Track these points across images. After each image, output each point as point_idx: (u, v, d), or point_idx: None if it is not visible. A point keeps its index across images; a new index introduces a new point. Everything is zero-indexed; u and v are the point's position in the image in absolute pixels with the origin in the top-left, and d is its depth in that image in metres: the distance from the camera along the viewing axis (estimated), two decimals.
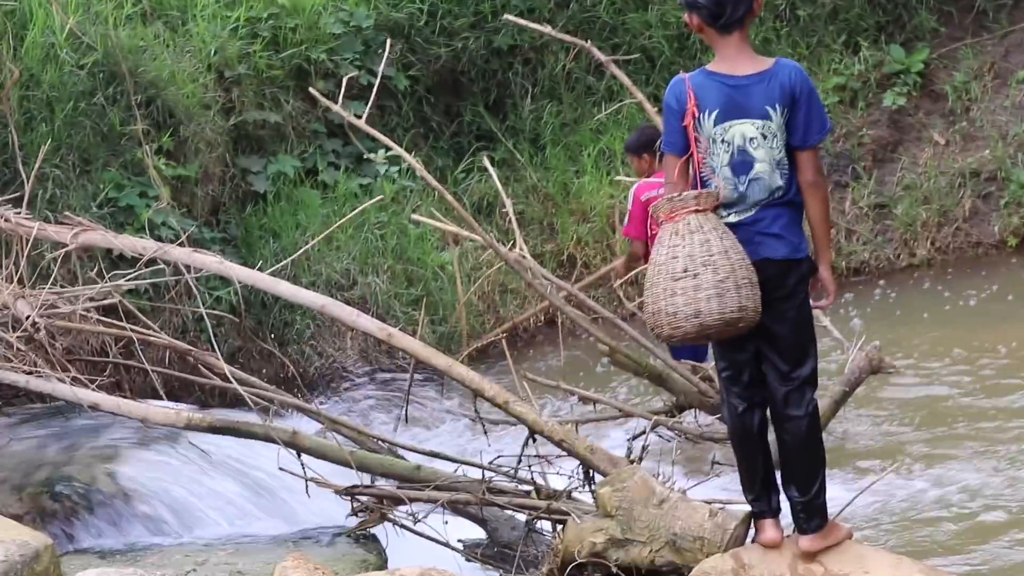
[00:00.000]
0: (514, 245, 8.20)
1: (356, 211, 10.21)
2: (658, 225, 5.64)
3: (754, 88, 5.55)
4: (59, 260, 8.59)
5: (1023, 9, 12.95)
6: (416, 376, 8.41)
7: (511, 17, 10.22)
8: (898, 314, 11.41)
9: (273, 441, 6.90)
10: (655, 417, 7.79)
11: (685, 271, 5.45)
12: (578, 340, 10.61)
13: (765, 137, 5.55)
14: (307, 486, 6.79)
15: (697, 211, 5.51)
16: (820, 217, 5.69)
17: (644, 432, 7.48)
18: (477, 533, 6.87)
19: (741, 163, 5.56)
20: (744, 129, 5.55)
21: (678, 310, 5.47)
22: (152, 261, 8.14)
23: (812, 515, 5.68)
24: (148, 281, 8.81)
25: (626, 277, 10.00)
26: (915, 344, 10.43)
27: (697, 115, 5.56)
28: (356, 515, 6.79)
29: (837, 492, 6.58)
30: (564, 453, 6.65)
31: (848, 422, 8.74)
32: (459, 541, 6.75)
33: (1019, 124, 12.55)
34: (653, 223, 9.49)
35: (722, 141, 5.56)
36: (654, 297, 5.53)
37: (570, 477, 6.65)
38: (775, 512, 5.77)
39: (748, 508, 5.83)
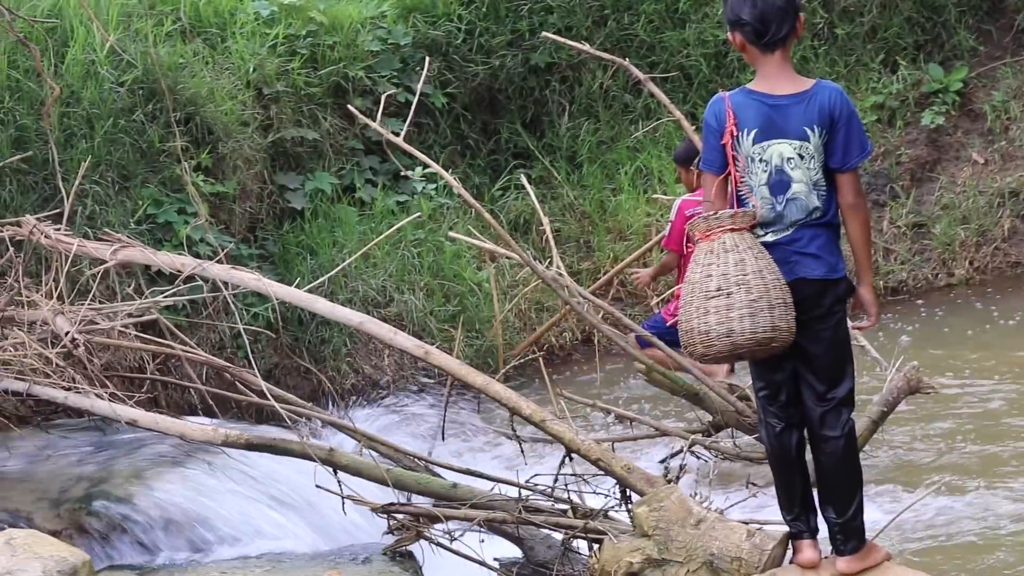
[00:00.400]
0: (551, 263, 8.20)
1: (393, 228, 10.21)
2: (694, 243, 5.64)
3: (793, 108, 5.54)
4: (98, 276, 8.61)
5: None
6: (453, 394, 8.43)
7: (549, 35, 10.23)
8: (939, 334, 11.34)
9: (310, 458, 6.91)
10: (692, 436, 7.79)
11: (719, 290, 5.45)
12: (615, 358, 10.58)
13: (802, 158, 5.54)
14: (343, 503, 6.79)
15: (733, 230, 5.51)
16: (861, 239, 5.68)
17: (681, 451, 7.47)
18: (513, 552, 6.86)
19: (779, 183, 5.55)
20: (782, 149, 5.55)
21: (710, 328, 5.47)
22: (190, 277, 8.18)
23: (849, 536, 5.66)
24: (186, 297, 8.86)
25: (653, 289, 10.02)
26: (955, 364, 10.37)
27: (736, 134, 5.55)
28: (392, 533, 6.79)
29: (876, 514, 6.55)
30: (601, 472, 6.64)
31: (887, 442, 8.69)
32: (495, 560, 6.74)
33: None
34: (689, 240, 9.57)
35: (760, 160, 5.55)
36: (687, 315, 5.54)
37: (607, 496, 6.64)
38: (813, 533, 5.75)
39: (786, 528, 5.81)
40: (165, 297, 8.52)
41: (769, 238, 5.58)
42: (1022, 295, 11.99)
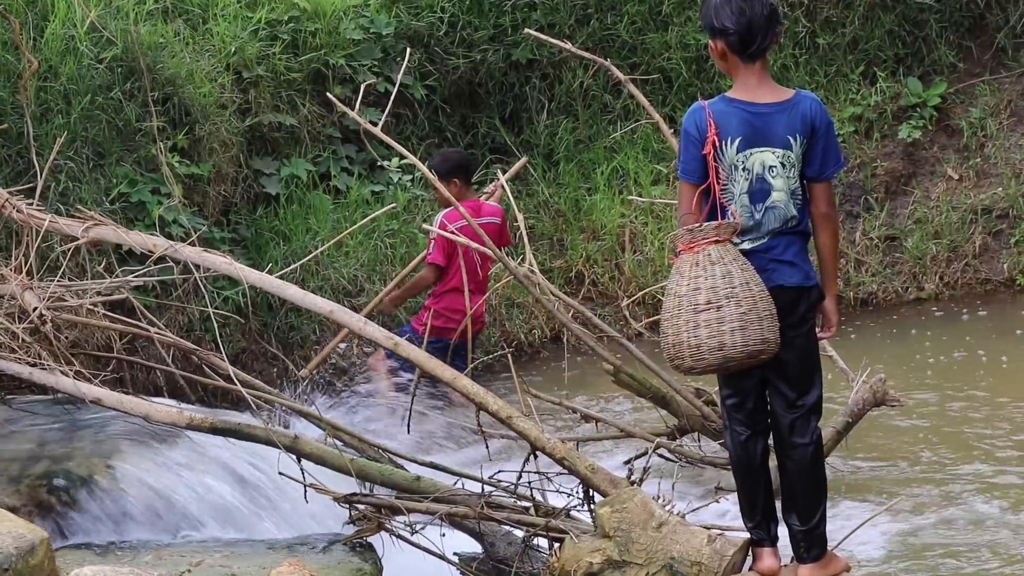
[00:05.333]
0: (524, 260, 8.19)
1: (368, 218, 10.20)
2: (676, 255, 5.61)
3: (777, 116, 5.54)
4: (69, 253, 8.57)
5: None
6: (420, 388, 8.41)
7: (532, 32, 10.21)
8: (906, 347, 11.38)
9: (274, 445, 6.89)
10: (657, 439, 7.77)
11: (708, 303, 5.44)
12: (585, 357, 10.57)
13: (784, 166, 5.55)
14: (306, 492, 6.77)
15: (717, 242, 5.50)
16: (830, 249, 5.71)
17: (645, 454, 7.46)
18: (474, 547, 6.84)
19: (759, 191, 5.55)
20: (765, 157, 5.54)
21: (702, 343, 5.46)
22: (161, 258, 8.13)
23: (812, 544, 5.67)
24: (157, 279, 8.82)
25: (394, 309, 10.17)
26: (920, 377, 10.40)
27: (719, 143, 5.53)
28: (353, 523, 6.77)
29: (836, 523, 6.55)
30: (565, 471, 6.63)
31: (850, 454, 8.71)
32: (455, 554, 6.72)
33: None
34: (458, 251, 9.74)
35: (743, 168, 5.55)
36: (676, 329, 5.50)
37: (570, 495, 6.63)
38: (773, 541, 5.77)
39: (747, 535, 5.81)
40: (135, 277, 8.49)
41: (746, 246, 5.57)
42: (991, 312, 12.03)
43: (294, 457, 6.85)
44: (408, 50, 10.64)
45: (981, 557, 7.21)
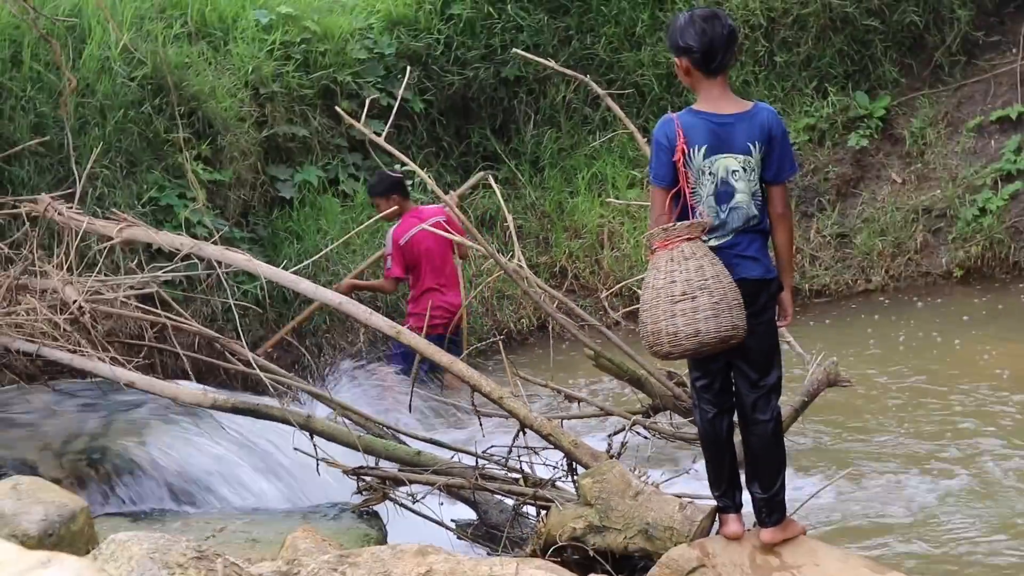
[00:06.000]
0: (513, 256, 8.17)
1: (372, 219, 10.22)
2: (651, 252, 5.59)
3: (738, 126, 5.52)
4: (104, 251, 8.58)
5: (974, 66, 12.96)
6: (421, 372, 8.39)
7: (519, 51, 10.21)
8: (855, 332, 11.39)
9: (289, 423, 6.88)
10: (633, 417, 7.77)
11: (684, 294, 5.41)
12: (569, 343, 10.56)
13: (745, 170, 5.53)
14: (318, 465, 6.75)
15: (689, 239, 5.48)
16: (786, 245, 5.70)
17: (623, 430, 7.45)
18: (469, 514, 6.83)
19: (724, 193, 5.53)
20: (728, 163, 5.53)
21: (679, 330, 5.43)
22: (187, 256, 8.12)
23: (773, 510, 5.66)
24: (183, 274, 8.81)
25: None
26: (868, 359, 10.41)
27: (687, 151, 5.51)
28: (361, 493, 6.75)
29: (794, 493, 6.55)
30: (551, 446, 6.62)
31: (806, 429, 8.71)
32: (452, 521, 6.71)
33: (967, 168, 12.55)
34: (422, 257, 9.78)
35: (709, 173, 5.53)
36: (654, 318, 5.47)
37: (555, 468, 6.62)
38: (738, 508, 5.75)
39: (714, 503, 5.81)
40: (164, 272, 8.46)
41: (713, 243, 5.55)
42: (929, 302, 12.05)
43: (307, 434, 6.84)
44: (408, 68, 10.59)
45: (916, 518, 7.25)
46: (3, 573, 3.16)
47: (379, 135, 7.75)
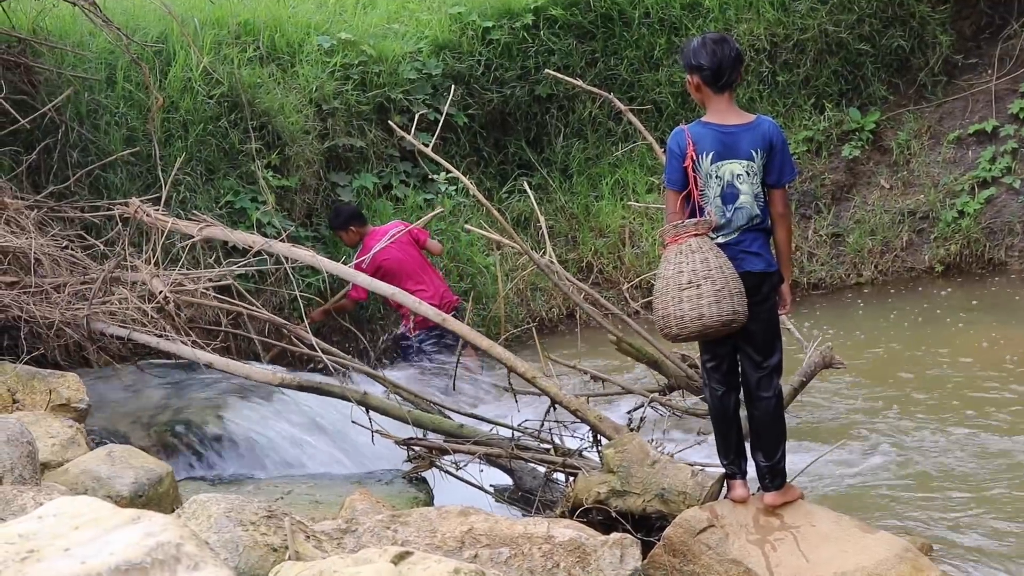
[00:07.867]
0: (545, 252, 8.17)
1: (421, 220, 10.21)
2: (663, 246, 5.59)
3: (742, 135, 5.51)
4: (186, 248, 8.60)
5: (954, 85, 12.88)
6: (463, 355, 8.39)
7: (551, 71, 10.19)
8: (848, 321, 11.34)
9: (347, 399, 6.89)
10: (651, 395, 7.75)
11: (690, 283, 5.41)
12: (594, 330, 10.55)
13: (748, 175, 5.51)
14: (373, 436, 6.77)
15: (696, 235, 5.47)
16: (785, 242, 5.68)
17: (642, 407, 7.44)
18: (505, 480, 6.84)
19: (729, 194, 5.52)
20: (733, 167, 5.51)
21: (684, 314, 5.43)
22: (259, 252, 8.14)
23: (775, 477, 5.65)
24: (255, 268, 8.83)
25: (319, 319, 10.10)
26: (861, 344, 10.37)
27: (696, 158, 5.51)
28: (411, 461, 6.77)
29: (793, 461, 6.53)
30: (578, 420, 6.62)
31: (805, 406, 8.68)
32: (491, 486, 6.72)
33: (948, 175, 12.51)
34: (399, 267, 9.76)
35: (716, 177, 5.52)
36: (663, 304, 5.48)
37: (582, 440, 6.62)
38: (744, 475, 5.73)
39: (722, 471, 5.79)
40: (238, 267, 8.49)
41: (720, 240, 5.54)
42: (914, 293, 12.00)
43: (364, 409, 6.86)
44: (452, 87, 10.59)
45: (905, 486, 7.22)
46: (100, 527, 3.19)
47: (427, 146, 7.76)
